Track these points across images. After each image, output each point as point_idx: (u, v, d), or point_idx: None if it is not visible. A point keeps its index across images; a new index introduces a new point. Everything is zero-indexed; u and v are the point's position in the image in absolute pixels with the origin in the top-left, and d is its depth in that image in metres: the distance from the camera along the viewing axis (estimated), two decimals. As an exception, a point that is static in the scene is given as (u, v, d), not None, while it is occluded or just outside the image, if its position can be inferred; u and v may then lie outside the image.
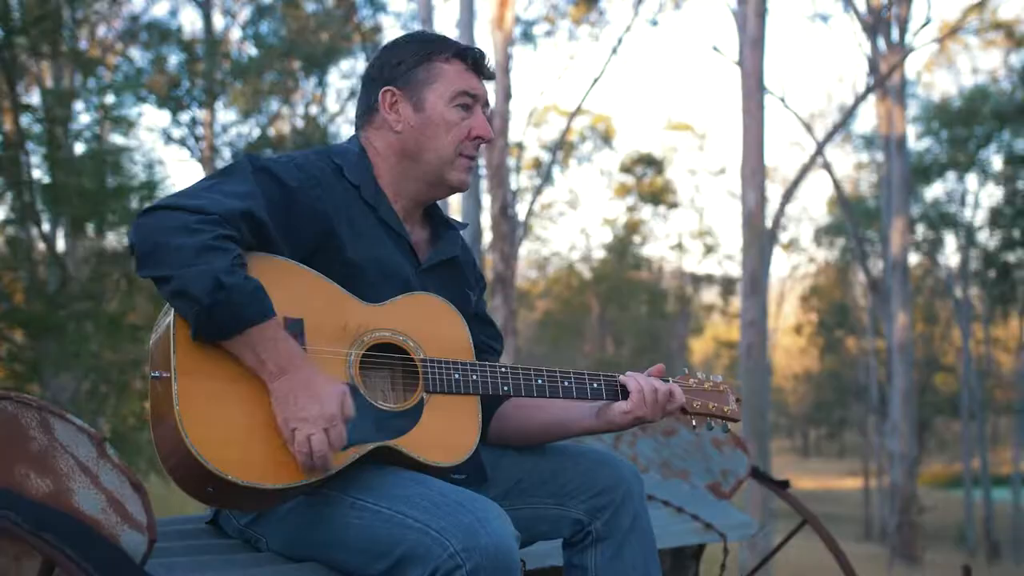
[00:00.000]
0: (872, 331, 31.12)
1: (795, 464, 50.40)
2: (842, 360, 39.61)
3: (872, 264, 28.63)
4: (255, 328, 2.03)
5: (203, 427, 1.99)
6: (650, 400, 2.44)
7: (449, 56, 2.46)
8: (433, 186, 2.49)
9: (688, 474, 4.25)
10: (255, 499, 2.10)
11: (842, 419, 43.75)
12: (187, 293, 1.98)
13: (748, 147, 13.12)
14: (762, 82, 13.18)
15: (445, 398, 2.30)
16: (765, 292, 13.73)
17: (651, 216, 40.51)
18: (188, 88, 18.87)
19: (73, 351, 10.23)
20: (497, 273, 15.71)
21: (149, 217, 2.06)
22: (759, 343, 12.89)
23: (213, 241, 2.02)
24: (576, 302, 41.30)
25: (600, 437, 4.36)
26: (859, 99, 20.44)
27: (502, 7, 15.83)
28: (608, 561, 2.48)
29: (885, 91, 21.44)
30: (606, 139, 36.00)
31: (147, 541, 1.75)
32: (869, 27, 21.85)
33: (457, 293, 2.54)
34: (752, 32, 13.12)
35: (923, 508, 23.63)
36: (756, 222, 13.06)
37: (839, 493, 41.23)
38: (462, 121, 2.45)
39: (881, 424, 28.01)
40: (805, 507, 4.23)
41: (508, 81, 15.88)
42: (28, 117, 13.23)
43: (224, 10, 22.18)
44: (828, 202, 37.28)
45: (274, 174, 2.23)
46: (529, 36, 24.05)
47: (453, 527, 2.01)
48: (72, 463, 1.74)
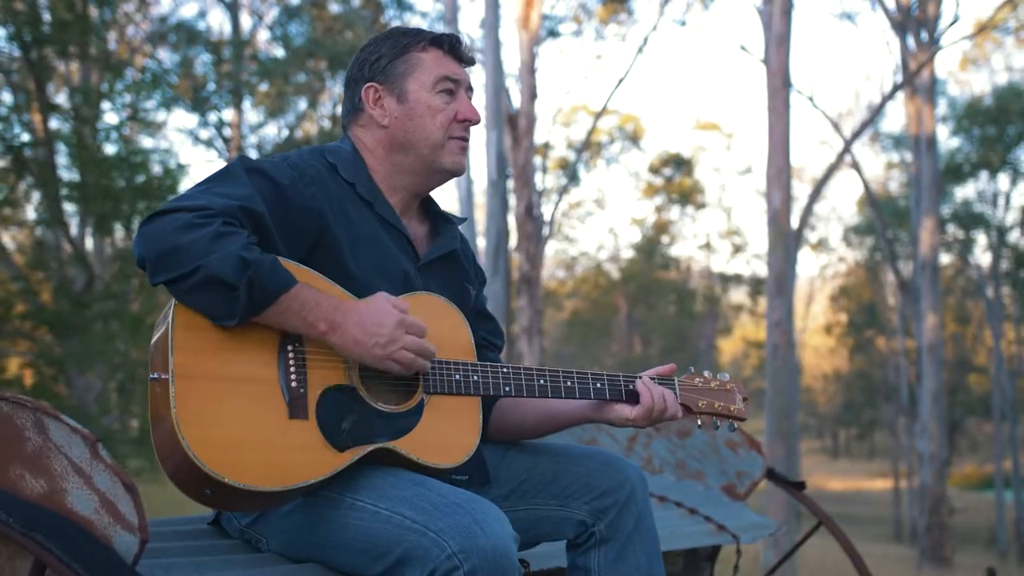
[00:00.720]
0: (902, 331, 30.87)
1: (825, 465, 50.13)
2: (872, 360, 39.33)
3: (902, 264, 28.41)
4: (286, 296, 2.06)
5: (200, 429, 1.99)
6: (656, 414, 2.45)
7: (425, 44, 2.47)
8: (429, 174, 2.49)
9: (703, 475, 4.23)
10: (253, 501, 2.10)
11: (872, 420, 43.43)
12: (216, 278, 2.00)
13: (774, 146, 13.05)
14: (788, 81, 13.11)
15: (446, 399, 2.29)
16: (791, 292, 13.65)
17: (679, 216, 40.41)
18: (215, 89, 18.98)
19: (98, 350, 10.31)
20: (523, 273, 15.72)
21: (151, 225, 2.07)
22: (785, 343, 12.81)
23: (222, 228, 2.04)
24: (604, 302, 41.26)
25: (615, 437, 4.36)
26: (886, 98, 20.27)
27: (527, 7, 15.83)
28: (611, 563, 2.47)
29: (914, 90, 21.27)
30: (634, 139, 35.92)
31: (139, 541, 1.75)
32: (898, 25, 21.69)
33: (457, 288, 2.55)
34: (778, 30, 13.06)
35: (953, 509, 23.46)
36: (782, 222, 12.99)
37: (869, 494, 40.99)
38: (447, 106, 2.46)
39: (911, 425, 27.80)
40: (821, 508, 4.20)
41: (533, 81, 15.88)
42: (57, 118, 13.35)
43: (252, 11, 22.32)
44: (858, 202, 37.05)
45: (267, 174, 2.24)
46: (555, 34, 24.03)
47: (451, 528, 2.01)
48: (66, 464, 1.75)
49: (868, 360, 39.72)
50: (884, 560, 23.82)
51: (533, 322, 15.47)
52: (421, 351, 2.17)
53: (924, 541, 22.03)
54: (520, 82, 16.00)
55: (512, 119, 15.61)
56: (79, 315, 10.62)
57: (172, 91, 16.07)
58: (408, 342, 2.14)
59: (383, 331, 2.12)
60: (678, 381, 2.56)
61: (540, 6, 16.15)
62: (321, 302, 2.11)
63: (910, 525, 29.10)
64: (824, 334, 43.80)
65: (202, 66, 19.01)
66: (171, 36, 19.55)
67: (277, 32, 20.93)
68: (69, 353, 10.74)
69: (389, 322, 2.13)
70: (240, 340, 2.10)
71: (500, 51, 14.66)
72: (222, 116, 19.75)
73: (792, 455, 12.84)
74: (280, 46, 20.50)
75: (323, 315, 2.10)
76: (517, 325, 16.03)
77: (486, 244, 13.82)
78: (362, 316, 2.12)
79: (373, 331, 2.11)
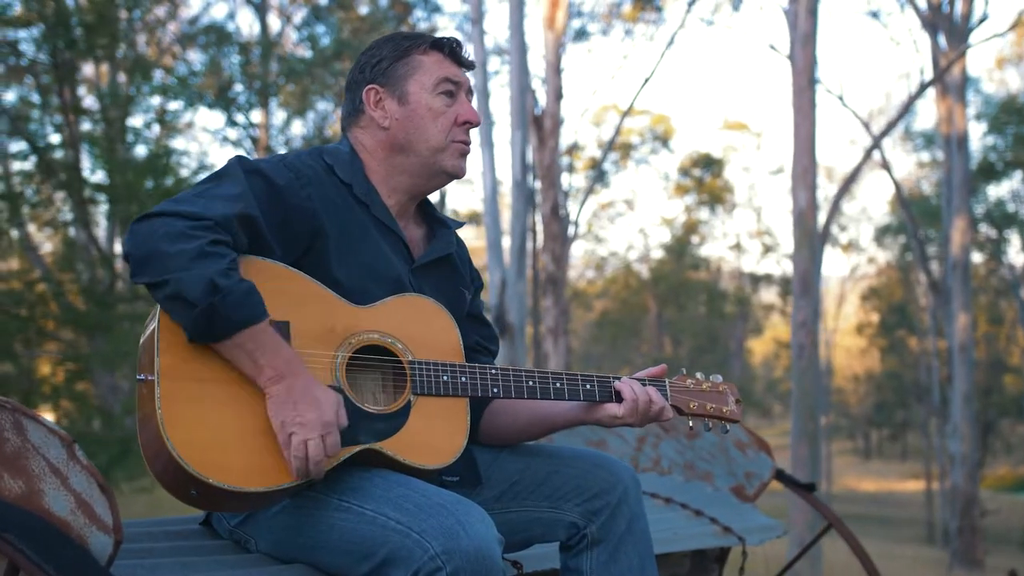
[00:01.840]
0: (934, 331, 30.60)
1: (857, 466, 49.77)
2: (903, 361, 39.02)
3: (934, 264, 28.16)
4: (248, 330, 2.04)
5: (185, 430, 2.00)
6: (642, 411, 2.45)
7: (426, 47, 2.48)
8: (429, 176, 2.50)
9: (712, 476, 4.21)
10: (238, 502, 2.11)
11: (905, 420, 43.09)
12: (182, 296, 2.00)
13: (799, 145, 12.96)
14: (813, 79, 13.02)
15: (433, 400, 2.29)
16: (817, 292, 13.55)
17: (709, 216, 40.26)
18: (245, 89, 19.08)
19: (124, 351, 10.39)
20: (548, 273, 15.70)
21: (144, 224, 2.08)
22: (811, 344, 12.72)
23: (208, 247, 2.04)
24: (634, 302, 41.16)
25: (624, 438, 4.34)
26: (913, 97, 20.10)
27: (553, 7, 15.81)
28: (603, 565, 2.46)
29: (945, 88, 21.08)
30: (664, 140, 35.82)
31: (113, 542, 1.76)
32: (929, 23, 21.50)
33: (451, 291, 2.55)
34: (803, 29, 12.97)
35: (986, 511, 23.22)
36: (807, 222, 12.90)
37: (902, 496, 40.65)
38: (447, 108, 2.46)
39: (943, 426, 27.55)
40: (830, 510, 4.17)
41: (559, 81, 15.86)
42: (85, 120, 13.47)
43: (281, 12, 22.43)
44: (889, 201, 36.77)
45: (264, 174, 2.25)
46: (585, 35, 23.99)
47: (434, 529, 2.01)
48: (44, 465, 1.76)
49: (900, 361, 39.40)
50: (915, 562, 23.63)
51: (559, 322, 15.45)
52: (314, 461, 2.06)
53: (956, 543, 21.81)
54: (546, 82, 15.98)
55: (538, 120, 15.60)
56: (104, 316, 10.72)
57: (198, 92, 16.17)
58: (315, 443, 2.05)
59: (308, 416, 2.05)
60: (669, 382, 2.56)
61: (566, 6, 16.12)
62: (280, 351, 2.08)
63: (942, 527, 28.83)
64: (855, 335, 43.49)
65: (230, 67, 19.10)
66: (200, 38, 19.68)
67: (305, 33, 21.03)
68: (94, 353, 10.84)
69: (321, 415, 2.06)
70: None
71: (525, 51, 14.66)
72: (249, 117, 19.85)
73: (815, 457, 12.73)
74: (308, 47, 20.59)
75: (274, 363, 2.07)
76: (543, 325, 16.00)
77: (511, 244, 13.82)
78: (307, 388, 2.08)
79: (301, 408, 2.06)
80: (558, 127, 15.84)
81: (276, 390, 2.07)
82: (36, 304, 11.04)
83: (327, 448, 2.06)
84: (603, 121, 33.25)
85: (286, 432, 2.05)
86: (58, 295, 11.67)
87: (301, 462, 2.05)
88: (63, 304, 11.72)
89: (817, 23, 13.06)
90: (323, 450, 2.06)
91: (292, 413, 2.05)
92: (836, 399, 46.95)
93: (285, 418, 2.06)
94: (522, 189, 13.84)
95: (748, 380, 42.15)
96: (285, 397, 2.06)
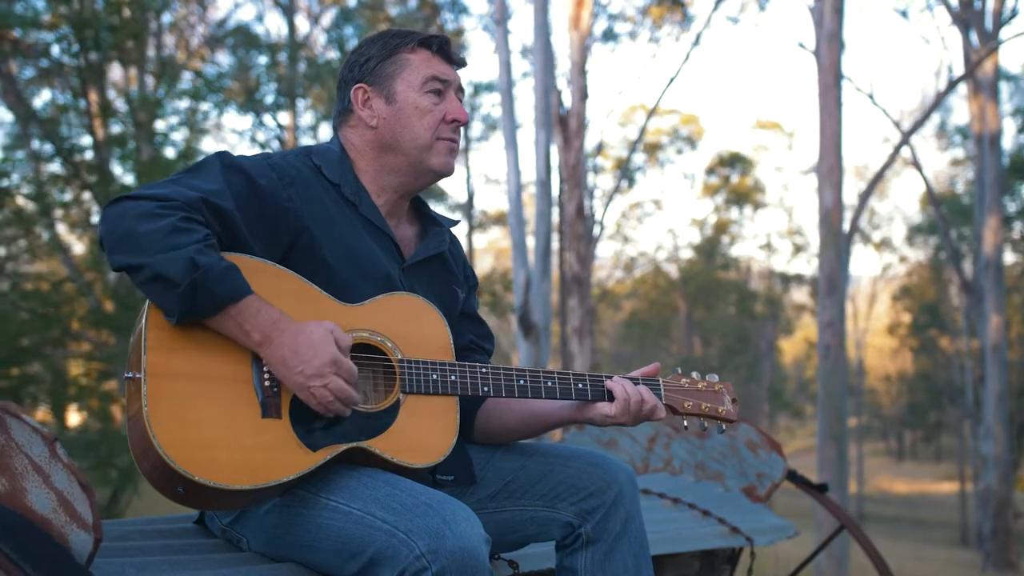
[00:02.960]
0: (967, 332, 30.30)
1: (890, 467, 49.43)
2: (936, 361, 38.65)
3: (967, 263, 27.88)
4: (236, 305, 2.06)
5: (172, 428, 2.01)
6: (633, 410, 2.44)
7: (414, 45, 2.48)
8: (417, 175, 2.49)
9: (723, 477, 4.19)
10: (225, 500, 2.11)
11: (938, 421, 42.71)
12: (163, 277, 2.01)
13: (825, 144, 12.87)
14: (839, 78, 12.93)
15: (423, 399, 2.29)
16: (843, 292, 13.46)
17: (739, 215, 40.04)
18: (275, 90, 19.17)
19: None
20: (574, 273, 15.68)
21: (115, 207, 2.09)
22: (837, 344, 12.64)
23: (180, 223, 2.05)
24: (663, 302, 41.02)
25: (635, 438, 4.33)
26: (942, 94, 19.90)
27: (578, 7, 15.78)
28: (598, 564, 2.46)
29: (977, 86, 20.87)
30: (691, 140, 35.67)
31: (93, 540, 1.77)
32: (960, 20, 21.30)
33: (443, 290, 2.55)
34: (829, 27, 12.88)
35: (1020, 513, 22.98)
36: (833, 221, 12.82)
37: (935, 497, 40.31)
38: (435, 107, 2.46)
39: (976, 427, 27.28)
40: (843, 512, 4.14)
41: (584, 81, 15.84)
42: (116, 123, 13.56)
43: (310, 14, 22.52)
44: (920, 200, 36.46)
45: (245, 171, 2.25)
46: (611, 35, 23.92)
47: (420, 529, 2.01)
48: (27, 463, 1.77)
49: (932, 361, 39.05)
50: (947, 564, 23.43)
51: (584, 322, 15.42)
52: (343, 396, 2.11)
53: (989, 545, 21.59)
54: (571, 82, 15.96)
55: (563, 120, 15.58)
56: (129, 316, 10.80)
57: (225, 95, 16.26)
58: (333, 383, 2.09)
59: (313, 362, 2.08)
60: (663, 382, 2.54)
61: (591, 6, 16.09)
62: (261, 313, 2.09)
63: (975, 529, 28.55)
64: (887, 335, 43.13)
65: (258, 69, 19.21)
66: (228, 40, 19.80)
67: (333, 35, 21.10)
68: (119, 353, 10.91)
69: (322, 356, 2.08)
70: (214, 339, 2.11)
71: (550, 51, 14.64)
72: (277, 119, 19.94)
73: (842, 458, 12.64)
74: (336, 49, 20.66)
75: (259, 326, 2.08)
76: (568, 326, 15.98)
77: (535, 244, 13.80)
78: (298, 339, 2.09)
79: (303, 358, 2.08)
80: (583, 127, 15.81)
81: (268, 353, 2.09)
82: (62, 304, 11.14)
83: (346, 379, 2.10)
84: (631, 121, 33.18)
85: (304, 391, 2.09)
86: (84, 295, 11.77)
87: (334, 405, 2.10)
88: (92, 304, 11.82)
89: (843, 21, 12.97)
90: (343, 384, 2.09)
91: (295, 370, 2.08)
92: (868, 400, 46.61)
93: (293, 379, 2.09)
94: (546, 189, 13.82)
95: (779, 381, 41.95)
96: (280, 357, 2.09)
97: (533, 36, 14.44)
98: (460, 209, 29.21)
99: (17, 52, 13.07)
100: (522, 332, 13.58)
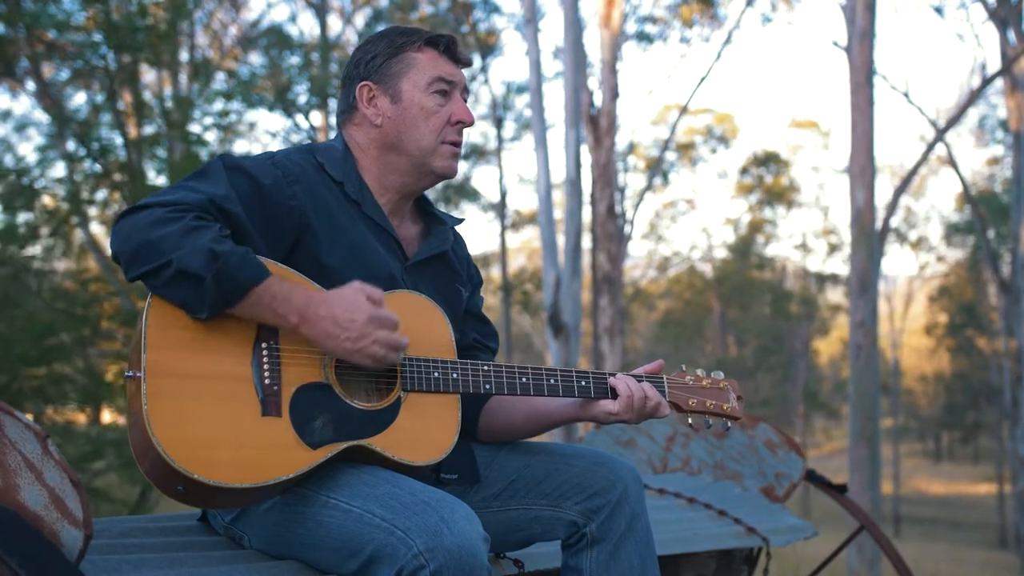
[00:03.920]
0: (1005, 332, 29.96)
1: (926, 469, 48.94)
2: (974, 362, 38.23)
3: (1005, 262, 27.57)
4: (257, 288, 2.08)
5: (172, 427, 2.01)
6: (637, 407, 2.42)
7: (420, 45, 2.47)
8: (420, 176, 2.49)
9: (741, 477, 4.16)
10: (225, 498, 2.11)
11: (976, 422, 42.22)
12: (187, 272, 2.02)
13: (857, 143, 12.76)
14: (871, 76, 12.81)
15: (424, 397, 2.28)
16: (875, 292, 13.34)
17: (774, 215, 39.78)
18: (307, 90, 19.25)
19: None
20: (604, 273, 15.63)
21: (126, 221, 2.11)
22: (869, 344, 12.53)
23: (193, 222, 2.07)
24: (697, 302, 40.84)
25: (653, 438, 4.31)
26: (976, 92, 19.71)
27: (609, 5, 15.73)
28: (603, 564, 2.44)
29: (1015, 83, 20.63)
30: (724, 139, 35.48)
31: (83, 537, 1.78)
32: (997, 16, 21.07)
33: (447, 289, 2.54)
34: (861, 24, 12.76)
35: (1057, 516, 22.72)
36: (865, 221, 12.70)
37: (973, 499, 39.91)
38: (440, 108, 2.45)
39: (1014, 428, 27.00)
40: (863, 512, 4.11)
41: (615, 80, 15.77)
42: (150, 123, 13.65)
43: (341, 14, 22.62)
44: (957, 199, 36.07)
45: (247, 172, 2.25)
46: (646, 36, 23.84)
47: (418, 527, 2.00)
48: (20, 460, 1.78)
49: (970, 361, 38.63)
50: (985, 567, 23.20)
51: (615, 322, 15.38)
52: (393, 345, 2.15)
53: (1026, 547, 21.39)
54: (601, 82, 15.92)
55: (594, 119, 15.54)
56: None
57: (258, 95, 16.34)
58: (380, 336, 2.12)
59: (355, 325, 2.10)
60: (667, 379, 2.53)
61: (621, 5, 16.04)
62: (293, 295, 2.11)
63: (1014, 531, 28.25)
64: (924, 335, 42.71)
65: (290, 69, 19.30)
66: (261, 40, 19.92)
67: (366, 35, 21.15)
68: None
69: (361, 316, 2.11)
70: (214, 338, 2.12)
71: (580, 50, 14.61)
72: (310, 119, 20.03)
73: (875, 459, 12.52)
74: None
75: (295, 308, 2.11)
76: (599, 325, 15.94)
77: (564, 243, 13.78)
78: (333, 309, 2.11)
79: (345, 325, 2.10)
80: (614, 126, 15.76)
81: (309, 331, 2.12)
82: (91, 303, 11.21)
83: (389, 328, 2.14)
84: (664, 120, 33.05)
85: (357, 355, 2.13)
86: (113, 294, 11.84)
87: (390, 356, 2.16)
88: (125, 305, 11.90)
89: (875, 18, 12.86)
90: (389, 334, 2.14)
91: (343, 339, 2.11)
92: (905, 401, 46.18)
93: (345, 347, 2.12)
94: (576, 188, 13.80)
95: (814, 381, 41.62)
96: (324, 333, 2.11)
97: (563, 35, 14.43)
98: (493, 209, 29.22)
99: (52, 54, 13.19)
100: (552, 331, 13.57)
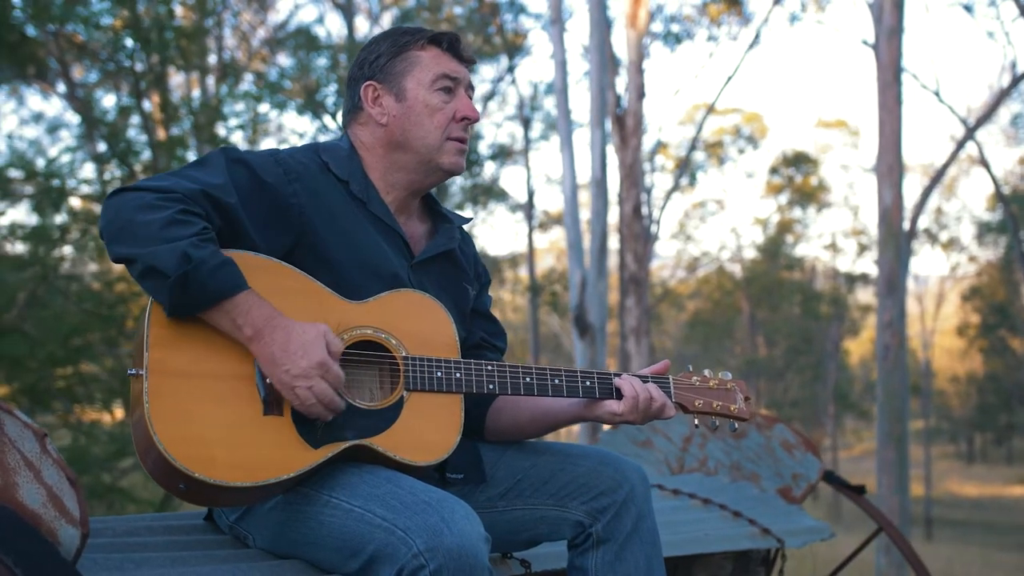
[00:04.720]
0: (1037, 332, 29.67)
1: (960, 470, 48.51)
2: (1006, 362, 37.85)
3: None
4: (228, 301, 2.06)
5: (173, 425, 2.02)
6: (642, 408, 2.41)
7: (424, 43, 2.47)
8: (426, 173, 2.49)
9: (758, 478, 4.13)
10: (226, 497, 2.12)
11: (1009, 423, 41.80)
12: (156, 270, 2.02)
13: (884, 142, 12.66)
14: (899, 75, 12.71)
15: (427, 396, 2.28)
16: (903, 292, 13.24)
17: (803, 215, 39.53)
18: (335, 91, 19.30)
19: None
20: (630, 273, 15.60)
21: (115, 199, 2.11)
22: (897, 344, 12.43)
23: (177, 215, 2.06)
24: (726, 303, 40.64)
25: (670, 438, 4.29)
26: (1006, 90, 19.52)
27: (636, 5, 15.69)
28: (609, 564, 2.43)
29: (1046, 81, 20.43)
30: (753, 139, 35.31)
31: (80, 535, 1.78)
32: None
33: (453, 288, 2.54)
34: (889, 22, 12.67)
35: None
36: (893, 220, 12.60)
37: (1006, 501, 39.51)
38: (445, 105, 2.45)
39: (1047, 430, 26.73)
40: (881, 513, 4.07)
41: (641, 80, 15.74)
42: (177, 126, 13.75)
43: (368, 15, 22.67)
44: (989, 198, 35.74)
45: (249, 165, 2.26)
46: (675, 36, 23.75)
47: (418, 527, 2.00)
48: (19, 458, 1.79)
49: (1003, 362, 38.25)
50: (1018, 570, 22.95)
51: (641, 322, 15.34)
52: (326, 400, 2.10)
53: (1059, 551, 21.14)
54: (628, 81, 15.88)
55: (620, 119, 15.51)
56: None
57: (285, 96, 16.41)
58: (317, 386, 2.08)
59: (300, 363, 2.07)
60: (673, 379, 2.51)
61: (648, 4, 16.00)
62: (254, 309, 2.09)
63: (1048, 534, 27.99)
64: (956, 335, 42.34)
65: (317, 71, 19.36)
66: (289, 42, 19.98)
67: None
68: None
69: (311, 357, 2.07)
70: (216, 336, 2.12)
71: (606, 49, 14.58)
72: (337, 119, 20.07)
73: (903, 460, 12.41)
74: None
75: (251, 322, 2.08)
76: (626, 325, 15.90)
77: (590, 243, 13.76)
78: (289, 338, 2.08)
79: (291, 358, 2.07)
80: (640, 126, 15.73)
81: (258, 349, 2.09)
82: (116, 304, 11.28)
83: (331, 383, 2.09)
84: (692, 120, 32.94)
85: (288, 390, 2.08)
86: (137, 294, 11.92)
87: (315, 408, 2.09)
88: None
89: (903, 16, 12.76)
90: (329, 389, 2.08)
91: (283, 368, 2.07)
92: (937, 402, 45.79)
93: (279, 376, 2.08)
94: (602, 188, 13.77)
95: (845, 382, 41.30)
96: (269, 353, 2.08)
97: (589, 35, 14.40)
98: (520, 209, 29.20)
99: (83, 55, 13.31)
100: (578, 332, 13.55)
